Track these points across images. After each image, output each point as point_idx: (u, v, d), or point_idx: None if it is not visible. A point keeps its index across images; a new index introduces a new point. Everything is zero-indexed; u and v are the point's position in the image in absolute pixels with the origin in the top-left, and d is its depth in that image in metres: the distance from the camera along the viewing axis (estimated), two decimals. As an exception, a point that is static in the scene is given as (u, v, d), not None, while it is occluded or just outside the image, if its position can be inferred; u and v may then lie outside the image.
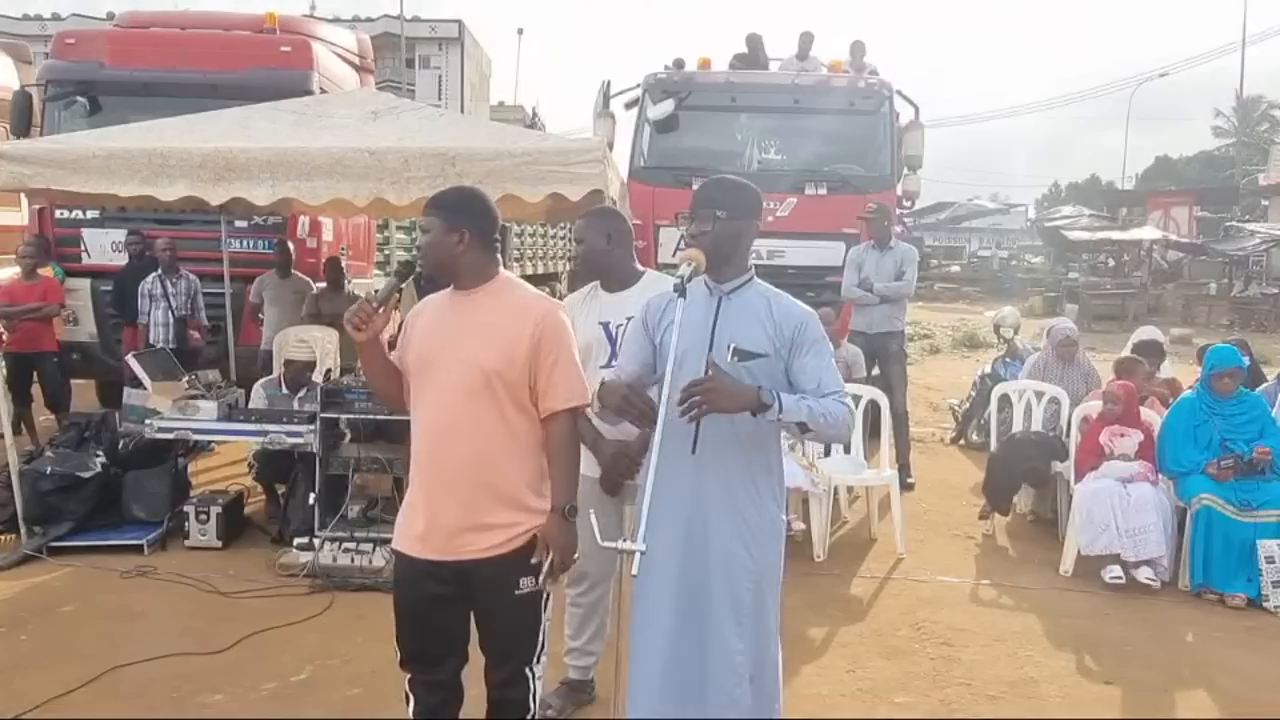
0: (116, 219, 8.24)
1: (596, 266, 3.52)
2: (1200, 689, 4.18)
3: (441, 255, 2.68)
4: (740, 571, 2.76)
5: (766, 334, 2.73)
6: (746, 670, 2.76)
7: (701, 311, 2.78)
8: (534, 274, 15.03)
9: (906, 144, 9.09)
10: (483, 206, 2.75)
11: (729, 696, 2.74)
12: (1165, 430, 5.56)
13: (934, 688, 4.10)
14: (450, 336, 2.68)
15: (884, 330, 7.31)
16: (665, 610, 2.79)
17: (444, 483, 2.66)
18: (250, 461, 6.22)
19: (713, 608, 2.75)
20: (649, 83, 9.21)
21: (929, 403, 11.05)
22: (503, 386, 2.64)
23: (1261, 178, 30.27)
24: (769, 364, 2.72)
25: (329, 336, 7.52)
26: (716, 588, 2.75)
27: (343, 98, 6.91)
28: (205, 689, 3.88)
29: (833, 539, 5.91)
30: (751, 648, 2.78)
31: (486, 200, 2.79)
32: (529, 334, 2.65)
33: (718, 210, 2.75)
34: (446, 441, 2.66)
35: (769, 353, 2.71)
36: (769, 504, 2.82)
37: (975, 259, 42.48)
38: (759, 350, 2.71)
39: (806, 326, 2.76)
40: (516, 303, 2.74)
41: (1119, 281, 27.33)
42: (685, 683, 2.78)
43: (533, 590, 2.70)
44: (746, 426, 2.70)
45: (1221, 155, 45.33)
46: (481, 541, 2.65)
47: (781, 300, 2.81)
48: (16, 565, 5.22)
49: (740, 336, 2.73)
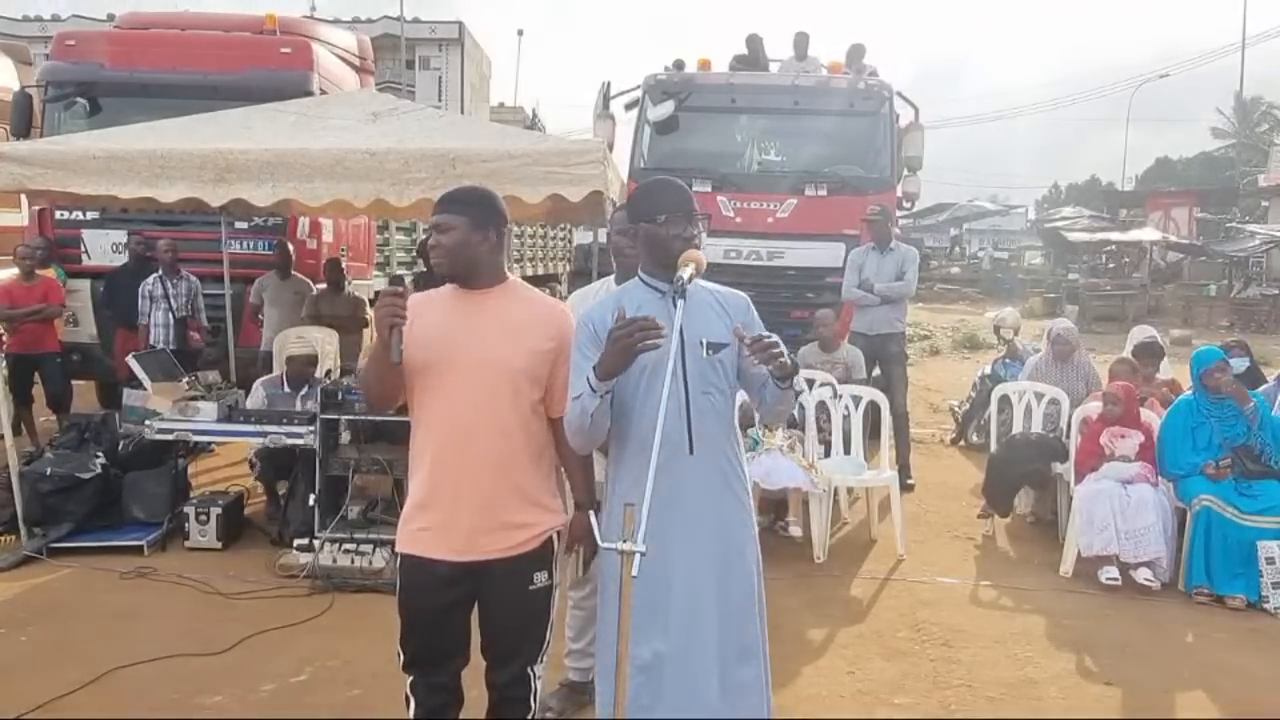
0: (117, 220, 8.24)
1: (623, 267, 3.38)
2: (1200, 690, 4.18)
3: (469, 255, 2.65)
4: (736, 570, 2.78)
5: (724, 324, 2.77)
6: (738, 669, 2.77)
7: (658, 312, 2.67)
8: (534, 275, 15.03)
9: (906, 145, 9.10)
10: (502, 206, 2.78)
11: (726, 697, 2.74)
12: (1164, 433, 5.56)
13: (934, 689, 4.10)
14: (469, 336, 2.66)
15: (885, 332, 7.31)
16: (666, 613, 2.78)
17: (465, 482, 2.64)
18: (251, 460, 6.22)
19: (709, 609, 2.75)
20: (649, 84, 9.22)
21: (929, 404, 11.05)
22: (527, 386, 2.66)
23: (1261, 179, 30.24)
24: (730, 352, 2.78)
25: (329, 337, 7.53)
26: (713, 588, 2.75)
27: (343, 99, 6.92)
28: (205, 690, 3.88)
29: (833, 540, 5.91)
30: (746, 648, 2.79)
31: (502, 200, 2.81)
32: (553, 336, 2.69)
33: (700, 216, 2.81)
34: (468, 441, 2.64)
35: (730, 341, 2.76)
36: (746, 498, 2.87)
37: (974, 259, 42.47)
38: (724, 340, 2.76)
39: (750, 309, 2.85)
40: (536, 304, 2.77)
41: (1119, 283, 27.33)
42: (684, 684, 2.77)
43: (545, 585, 2.73)
44: (726, 417, 2.79)
45: (1221, 156, 45.31)
46: (504, 541, 2.65)
47: (721, 290, 2.87)
48: (16, 566, 5.22)
49: (706, 331, 2.76)
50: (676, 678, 2.77)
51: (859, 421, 6.21)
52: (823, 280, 8.36)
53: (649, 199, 2.80)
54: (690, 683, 2.76)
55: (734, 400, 2.85)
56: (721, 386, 2.77)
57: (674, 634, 2.73)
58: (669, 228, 2.72)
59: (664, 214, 2.73)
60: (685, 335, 2.72)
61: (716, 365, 2.76)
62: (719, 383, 2.77)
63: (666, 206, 2.74)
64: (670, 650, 2.74)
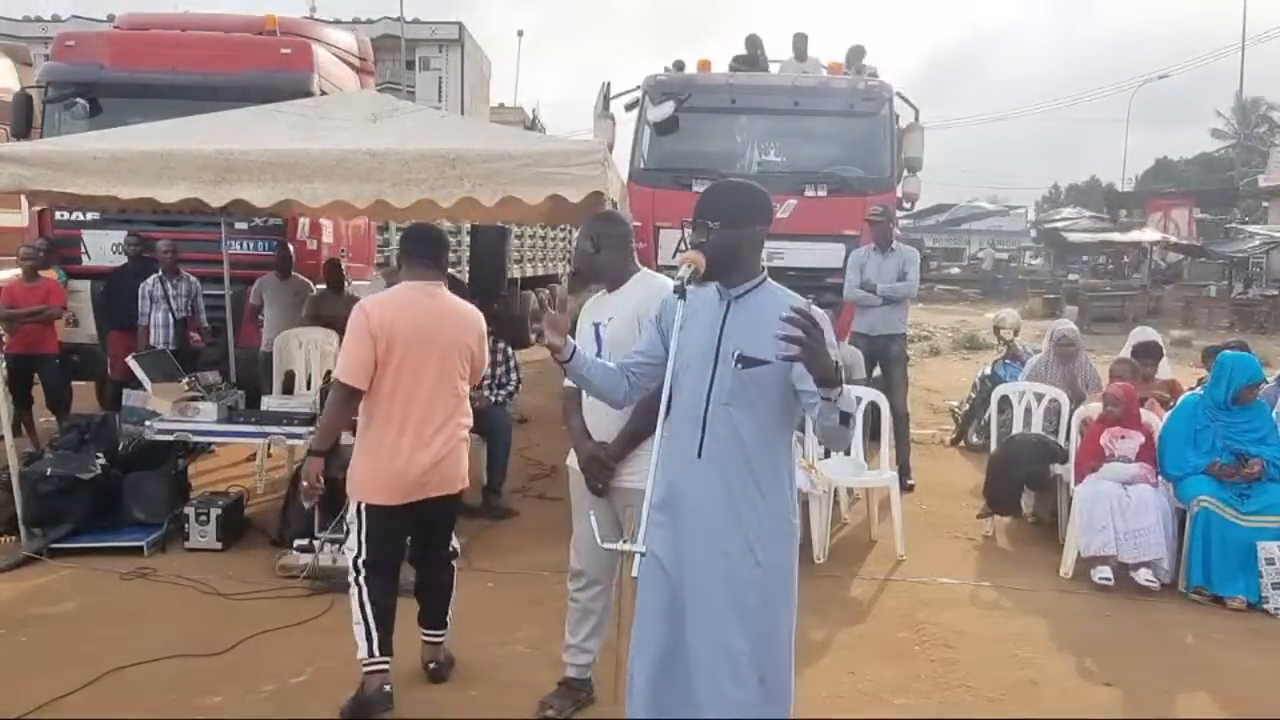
0: (117, 221, 8.23)
1: (586, 270, 3.64)
2: (1200, 691, 4.18)
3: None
4: (746, 573, 2.73)
5: (773, 338, 2.64)
6: (753, 672, 2.73)
7: (710, 316, 2.75)
8: (533, 275, 15.03)
9: (906, 146, 9.10)
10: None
11: (730, 700, 2.71)
12: (1166, 434, 5.55)
13: (934, 690, 4.10)
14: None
15: (886, 333, 7.31)
16: (667, 614, 2.78)
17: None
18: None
19: (715, 611, 2.73)
20: (649, 84, 9.21)
21: (929, 404, 11.04)
22: None
23: (1261, 179, 30.26)
24: (773, 371, 2.67)
25: (329, 338, 7.53)
26: (721, 590, 2.72)
27: (343, 99, 6.90)
28: (205, 691, 3.88)
29: (833, 541, 5.91)
30: (758, 649, 2.74)
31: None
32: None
33: (710, 221, 2.73)
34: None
35: (773, 359, 2.65)
36: (778, 506, 2.77)
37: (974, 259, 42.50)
38: (763, 357, 2.66)
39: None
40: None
41: (1119, 283, 27.39)
42: (685, 686, 2.77)
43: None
44: (750, 429, 2.70)
45: (1221, 157, 45.35)
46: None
47: (792, 301, 2.73)
48: (16, 567, 5.22)
49: (746, 343, 2.69)
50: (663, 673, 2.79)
51: (859, 422, 6.20)
52: (823, 281, 8.35)
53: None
54: (669, 679, 2.77)
55: (778, 416, 2.75)
56: (750, 400, 2.68)
57: (659, 629, 2.77)
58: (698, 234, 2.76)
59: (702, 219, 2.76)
60: (722, 344, 2.72)
61: (747, 380, 2.68)
62: (747, 396, 2.67)
63: (700, 211, 2.78)
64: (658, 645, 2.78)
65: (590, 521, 2.99)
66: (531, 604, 4.79)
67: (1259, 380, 5.48)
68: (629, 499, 3.25)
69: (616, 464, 3.35)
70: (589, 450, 3.41)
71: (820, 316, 2.55)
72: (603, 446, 3.37)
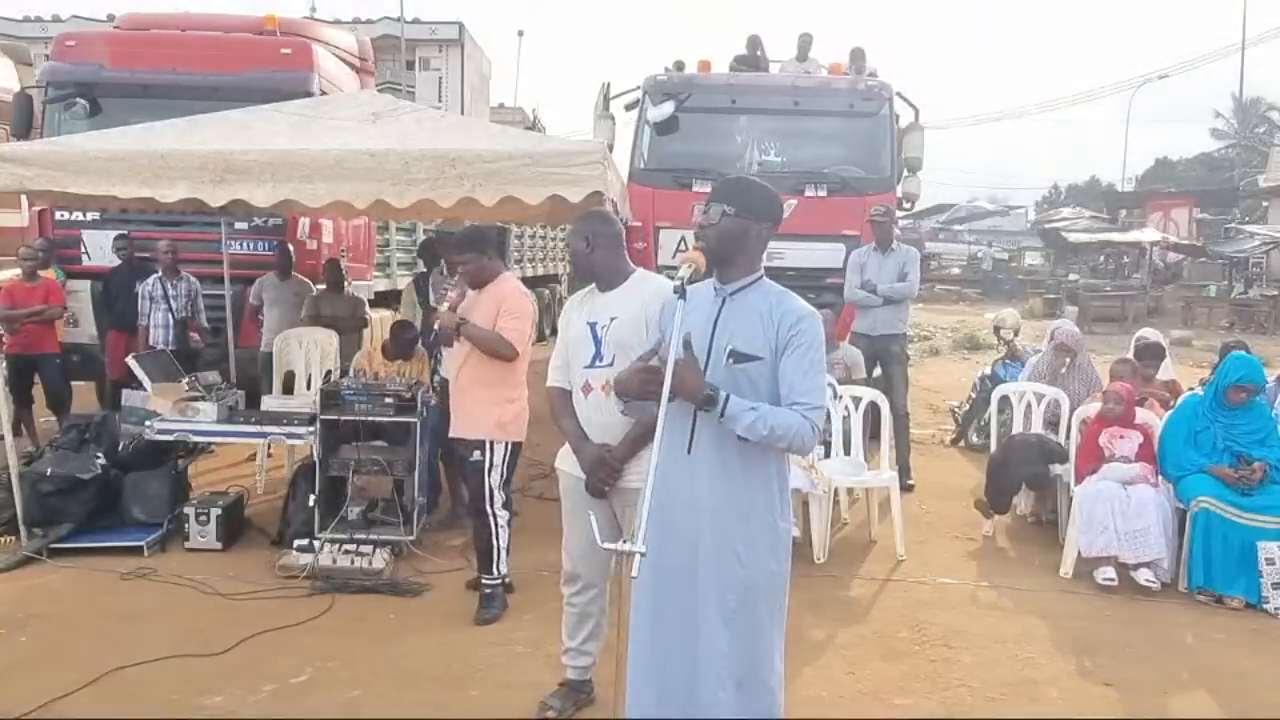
0: (117, 221, 8.24)
1: (580, 269, 3.63)
2: (1200, 691, 4.19)
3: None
4: (729, 574, 2.73)
5: (764, 336, 2.69)
6: (729, 674, 2.72)
7: (705, 312, 2.78)
8: (534, 275, 15.04)
9: (907, 146, 9.10)
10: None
11: (714, 699, 2.72)
12: (1166, 434, 5.55)
13: (934, 690, 4.10)
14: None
15: (887, 333, 7.31)
16: (659, 612, 2.79)
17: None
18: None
19: (700, 610, 2.74)
20: (649, 84, 9.21)
21: (929, 404, 11.05)
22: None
23: (1261, 179, 30.25)
24: (764, 367, 2.69)
25: (329, 338, 7.53)
26: (705, 590, 2.73)
27: (343, 99, 6.91)
28: (205, 691, 3.88)
29: (833, 541, 5.91)
30: (736, 651, 2.73)
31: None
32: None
33: (726, 206, 2.73)
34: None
35: (764, 355, 2.68)
36: (765, 506, 2.77)
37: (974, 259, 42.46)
38: (755, 353, 2.68)
39: (798, 328, 2.69)
40: None
41: (1119, 283, 27.37)
42: (678, 685, 2.77)
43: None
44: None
45: (1221, 157, 45.30)
46: None
47: (786, 300, 2.75)
48: (17, 567, 5.22)
49: (738, 339, 2.71)
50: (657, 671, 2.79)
51: (859, 422, 6.21)
52: (823, 281, 8.35)
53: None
54: (662, 676, 2.78)
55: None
56: (741, 395, 2.66)
57: (647, 624, 2.79)
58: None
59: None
60: (715, 339, 2.73)
61: (739, 374, 2.68)
62: (738, 392, 2.66)
63: (717, 194, 2.82)
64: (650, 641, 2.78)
65: (590, 523, 2.98)
66: (531, 604, 4.80)
67: (1249, 383, 5.43)
68: (627, 499, 3.24)
69: (623, 466, 3.30)
70: (593, 453, 3.31)
71: (814, 315, 2.62)
72: (607, 449, 3.32)
